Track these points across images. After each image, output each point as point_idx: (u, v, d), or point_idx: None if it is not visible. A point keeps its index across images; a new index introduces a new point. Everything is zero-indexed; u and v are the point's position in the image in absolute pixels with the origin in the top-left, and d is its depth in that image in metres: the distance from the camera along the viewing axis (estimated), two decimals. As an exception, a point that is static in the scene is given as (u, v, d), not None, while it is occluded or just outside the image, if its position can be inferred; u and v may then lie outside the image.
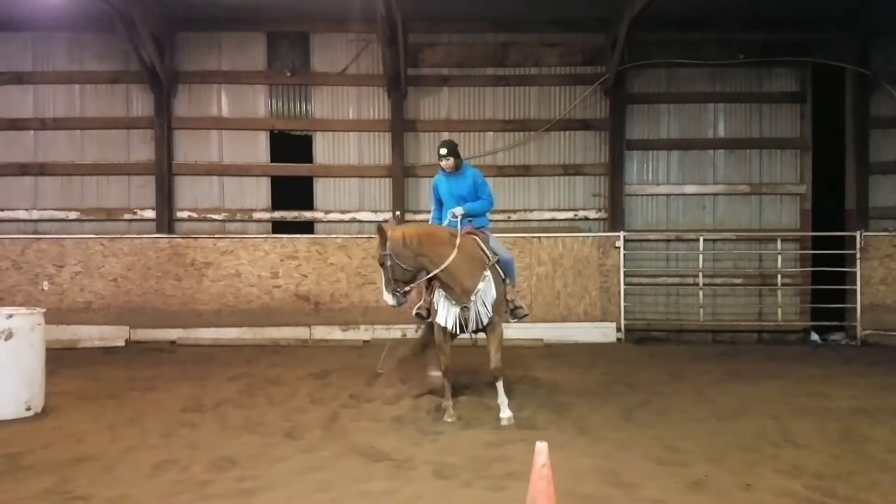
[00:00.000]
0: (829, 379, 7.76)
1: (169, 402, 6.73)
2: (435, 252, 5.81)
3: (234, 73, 11.28)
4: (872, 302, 10.55)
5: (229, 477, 4.67)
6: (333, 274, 10.75)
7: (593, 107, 11.18)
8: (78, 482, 4.58)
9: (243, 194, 11.34)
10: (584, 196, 11.25)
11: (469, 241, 6.13)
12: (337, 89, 11.30)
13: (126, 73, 11.17)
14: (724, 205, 11.19)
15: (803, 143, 11.09)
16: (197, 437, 5.63)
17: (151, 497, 4.32)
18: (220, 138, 11.33)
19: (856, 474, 4.67)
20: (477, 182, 6.52)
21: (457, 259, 5.84)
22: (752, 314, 10.99)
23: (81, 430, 5.79)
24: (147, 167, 11.19)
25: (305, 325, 10.63)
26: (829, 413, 6.24)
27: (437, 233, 6.06)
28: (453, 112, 11.28)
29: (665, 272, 11.07)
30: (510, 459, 4.94)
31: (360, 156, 11.32)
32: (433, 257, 5.81)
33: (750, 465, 4.87)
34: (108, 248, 10.74)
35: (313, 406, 6.60)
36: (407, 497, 4.29)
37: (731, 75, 11.07)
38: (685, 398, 6.85)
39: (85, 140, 11.29)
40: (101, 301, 10.69)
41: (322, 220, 11.32)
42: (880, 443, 5.36)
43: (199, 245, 10.77)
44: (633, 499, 4.25)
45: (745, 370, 8.34)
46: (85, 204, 11.27)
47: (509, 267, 6.42)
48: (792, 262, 11.03)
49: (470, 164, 6.82)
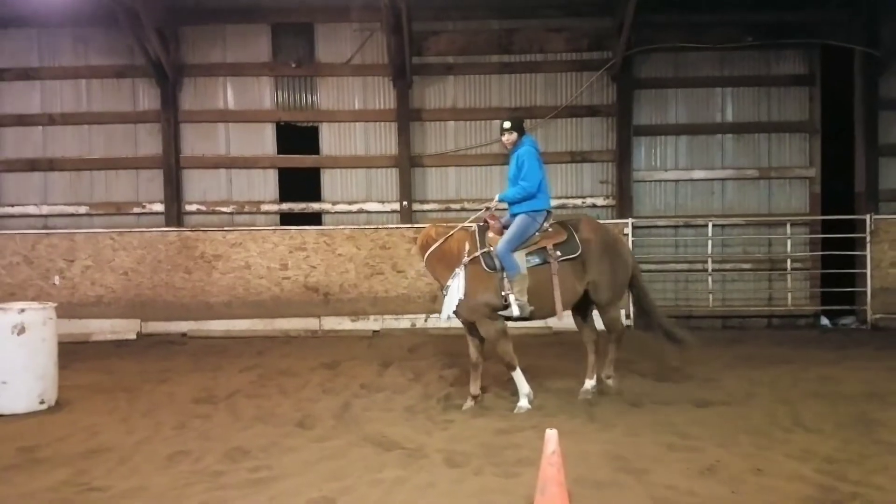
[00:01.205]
0: (840, 363, 7.73)
1: (181, 394, 6.80)
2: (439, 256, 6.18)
3: (239, 66, 11.28)
4: (883, 285, 10.48)
5: (243, 467, 4.72)
6: (342, 265, 10.78)
7: (600, 93, 11.12)
8: (93, 474, 4.63)
9: (251, 186, 11.37)
10: (591, 183, 11.21)
11: (459, 236, 6.12)
12: (342, 80, 11.28)
13: (131, 68, 11.19)
14: (733, 190, 11.13)
15: (812, 126, 10.99)
16: (210, 428, 5.68)
17: (166, 488, 4.37)
18: (226, 131, 11.35)
19: (867, 458, 4.66)
20: (520, 162, 6.04)
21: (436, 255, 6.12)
22: (762, 299, 10.96)
23: (95, 422, 5.85)
24: (155, 161, 11.23)
25: (315, 315, 10.67)
26: (839, 397, 6.22)
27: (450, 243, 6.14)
28: (459, 100, 11.24)
29: (674, 258, 11.04)
30: (521, 447, 4.96)
31: (367, 146, 11.31)
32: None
33: (760, 449, 4.87)
34: (117, 242, 10.80)
35: (325, 396, 6.65)
36: (419, 485, 4.32)
37: (739, 58, 10.97)
38: (695, 384, 6.84)
39: (92, 135, 11.34)
40: (112, 295, 10.77)
41: (330, 211, 11.34)
42: (891, 426, 5.34)
43: (208, 238, 10.82)
44: (643, 484, 4.26)
45: (754, 355, 8.33)
46: (94, 198, 11.34)
47: (504, 259, 5.90)
48: (801, 246, 10.96)
49: (531, 139, 6.27)
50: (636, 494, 4.13)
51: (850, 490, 4.11)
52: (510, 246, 5.94)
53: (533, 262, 6.00)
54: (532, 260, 6.00)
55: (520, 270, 5.91)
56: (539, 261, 6.01)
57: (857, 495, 4.04)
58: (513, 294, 5.89)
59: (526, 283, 5.91)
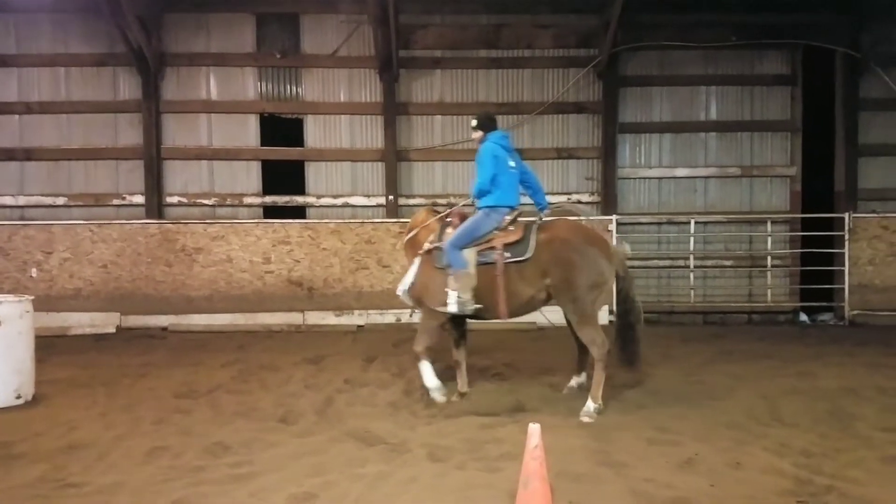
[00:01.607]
0: (818, 358, 7.83)
1: (161, 389, 6.71)
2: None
3: (222, 56, 11.14)
4: (860, 282, 10.64)
5: (223, 462, 4.68)
6: (326, 259, 10.72)
7: (586, 89, 11.15)
8: (71, 470, 4.56)
9: (234, 179, 11.26)
10: (577, 179, 11.24)
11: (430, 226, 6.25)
12: (328, 71, 11.20)
13: (112, 56, 11.01)
14: (715, 187, 11.22)
15: (793, 125, 11.11)
16: (190, 423, 5.61)
17: (145, 484, 4.32)
18: (209, 122, 11.23)
19: (842, 452, 4.73)
20: (477, 159, 5.99)
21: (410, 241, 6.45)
22: (742, 295, 11.08)
23: (73, 417, 5.76)
24: (135, 151, 11.08)
25: (299, 310, 10.62)
26: (817, 392, 6.31)
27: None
28: (446, 95, 11.21)
29: (657, 255, 11.12)
30: (503, 441, 4.97)
31: (353, 139, 11.25)
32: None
33: (739, 443, 4.93)
34: (96, 234, 10.65)
35: (307, 391, 6.61)
36: (402, 480, 4.31)
37: (723, 58, 11.05)
38: (675, 379, 6.89)
39: (71, 124, 11.15)
40: (91, 288, 10.63)
41: (314, 204, 11.27)
42: (867, 421, 5.43)
43: (189, 230, 10.71)
44: (623, 477, 4.30)
45: (734, 350, 8.41)
46: (73, 189, 11.17)
47: (448, 254, 5.76)
48: (782, 243, 11.10)
49: (498, 135, 6.08)
50: (616, 487, 4.16)
51: (825, 483, 4.17)
52: (458, 242, 5.78)
53: (483, 260, 5.78)
54: (482, 258, 5.79)
55: (465, 267, 5.72)
56: (489, 260, 5.77)
57: (833, 488, 4.09)
58: (453, 290, 5.71)
59: (471, 282, 5.72)
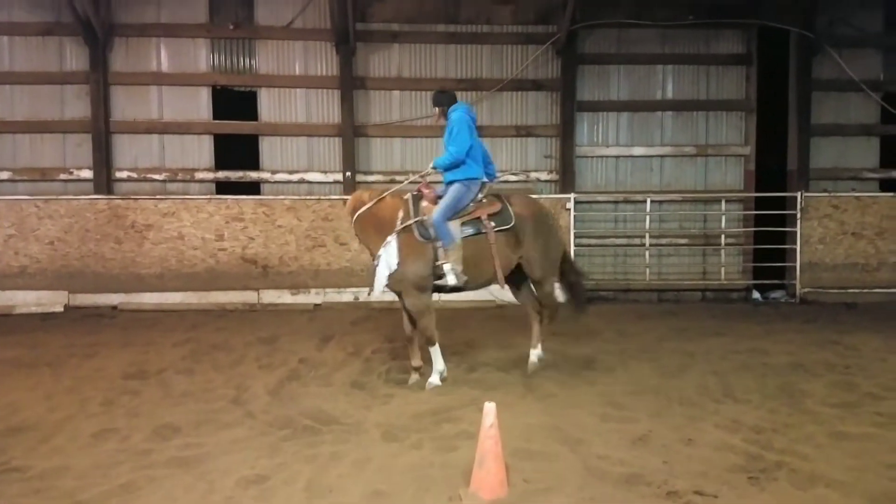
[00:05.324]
0: (769, 335, 8.03)
1: (110, 370, 6.53)
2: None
3: (173, 26, 10.73)
4: (811, 260, 10.92)
5: (172, 445, 4.58)
6: (282, 236, 10.52)
7: (545, 67, 11.10)
8: (13, 453, 4.43)
9: (185, 153, 10.92)
10: (535, 157, 11.23)
11: (392, 203, 6.05)
12: (282, 43, 10.90)
13: (58, 25, 10.52)
14: (671, 166, 11.34)
15: (748, 104, 11.26)
16: (139, 404, 5.48)
17: (90, 467, 4.20)
18: (159, 94, 10.83)
19: (791, 427, 4.86)
20: (450, 128, 6.04)
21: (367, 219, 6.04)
22: (697, 273, 11.27)
23: (17, 399, 5.57)
24: (83, 125, 10.65)
25: (253, 289, 10.42)
26: (767, 368, 6.47)
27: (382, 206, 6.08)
28: (404, 69, 11.03)
29: (613, 233, 11.22)
30: (460, 420, 4.98)
31: (308, 113, 11.00)
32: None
33: (691, 420, 5.02)
34: (42, 210, 10.24)
35: (261, 371, 6.50)
36: (356, 460, 4.28)
37: (680, 37, 11.10)
38: (630, 356, 6.99)
39: (15, 95, 10.64)
40: (38, 265, 10.24)
41: (269, 180, 11.02)
42: (815, 396, 5.58)
43: (139, 206, 10.38)
44: (577, 454, 4.34)
45: (688, 328, 8.57)
46: (17, 163, 10.68)
47: (438, 229, 5.84)
48: (735, 222, 11.30)
49: (465, 107, 6.15)
50: (570, 464, 4.20)
51: (775, 459, 4.27)
52: (445, 215, 5.86)
53: (467, 232, 5.95)
54: (466, 230, 5.96)
55: (454, 240, 5.86)
56: (473, 231, 5.98)
57: (783, 464, 4.19)
58: (448, 263, 5.83)
59: (460, 253, 5.87)
